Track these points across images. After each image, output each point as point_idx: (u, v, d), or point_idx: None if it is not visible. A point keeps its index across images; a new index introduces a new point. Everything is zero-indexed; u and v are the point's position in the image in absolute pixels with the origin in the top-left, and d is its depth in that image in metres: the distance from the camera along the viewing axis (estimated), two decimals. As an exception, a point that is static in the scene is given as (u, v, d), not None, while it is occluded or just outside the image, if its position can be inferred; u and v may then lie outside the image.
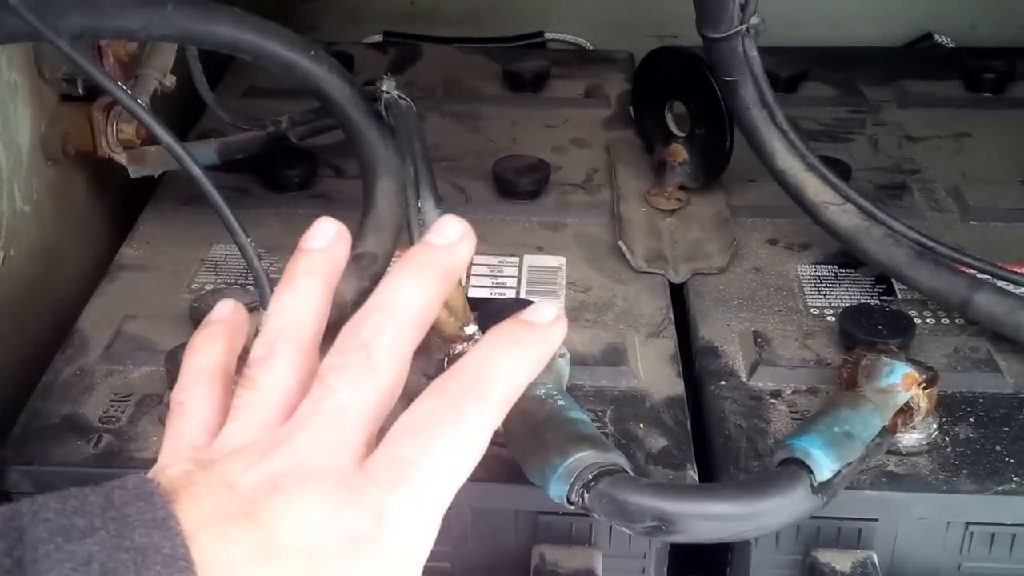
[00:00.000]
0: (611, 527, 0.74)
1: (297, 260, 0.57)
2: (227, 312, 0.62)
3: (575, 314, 0.91)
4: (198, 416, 0.55)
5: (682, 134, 1.08)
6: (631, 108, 1.20)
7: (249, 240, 0.73)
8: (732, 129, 1.02)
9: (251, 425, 0.51)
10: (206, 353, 0.59)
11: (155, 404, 0.81)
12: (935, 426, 0.77)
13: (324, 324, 0.56)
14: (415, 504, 0.49)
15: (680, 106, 1.08)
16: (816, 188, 0.93)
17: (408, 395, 0.80)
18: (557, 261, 0.99)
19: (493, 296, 0.94)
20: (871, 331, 0.83)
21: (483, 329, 0.78)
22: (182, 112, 1.17)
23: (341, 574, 0.46)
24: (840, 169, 0.98)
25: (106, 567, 0.41)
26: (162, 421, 0.78)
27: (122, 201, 1.09)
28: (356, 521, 0.47)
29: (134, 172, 1.02)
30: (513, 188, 1.08)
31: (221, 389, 0.56)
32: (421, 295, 0.53)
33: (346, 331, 0.53)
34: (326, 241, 0.58)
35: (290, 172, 1.09)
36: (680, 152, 1.08)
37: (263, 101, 1.20)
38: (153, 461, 0.54)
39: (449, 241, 0.56)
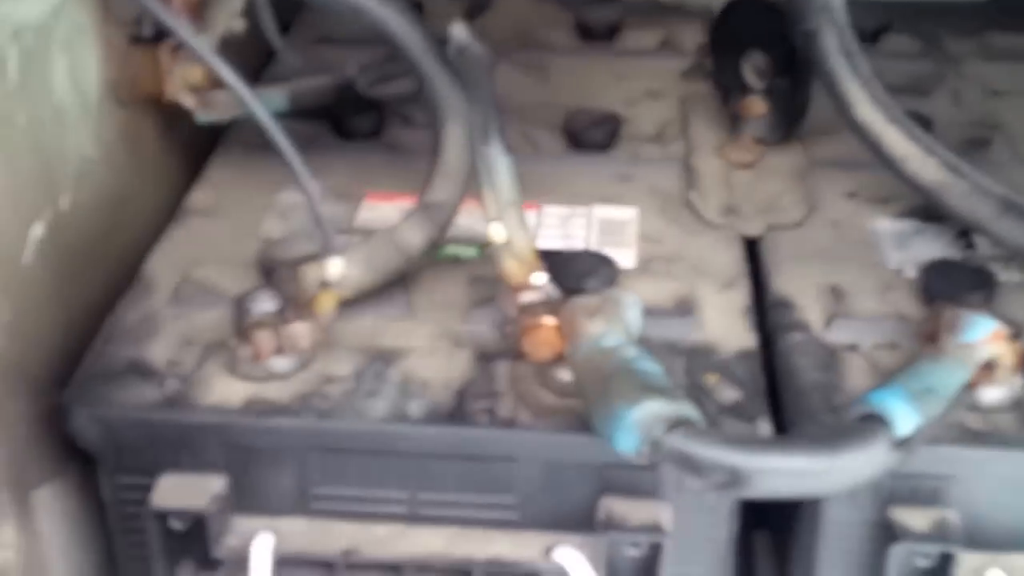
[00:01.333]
0: (680, 480, 0.73)
1: None
2: None
3: (646, 266, 0.90)
4: None
5: (760, 86, 1.06)
6: (707, 60, 1.17)
7: (316, 187, 0.71)
8: (812, 80, 0.99)
9: None
10: None
11: (221, 350, 0.80)
12: (1019, 383, 0.74)
13: None
14: None
15: (758, 57, 1.06)
16: (898, 141, 0.90)
17: (480, 347, 0.80)
18: (628, 213, 0.97)
19: (563, 248, 0.92)
20: (953, 286, 0.81)
21: (553, 279, 0.77)
22: (252, 59, 1.16)
23: None
24: (922, 123, 0.95)
25: None
26: (228, 368, 0.77)
27: (192, 146, 1.08)
28: None
29: (202, 117, 1.01)
30: (584, 140, 1.06)
31: None
32: None
33: None
34: None
35: (359, 120, 1.08)
36: (757, 104, 1.05)
37: (333, 49, 1.18)
38: (217, 408, 0.54)
39: None
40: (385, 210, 0.96)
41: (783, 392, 0.78)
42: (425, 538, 0.76)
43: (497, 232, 0.76)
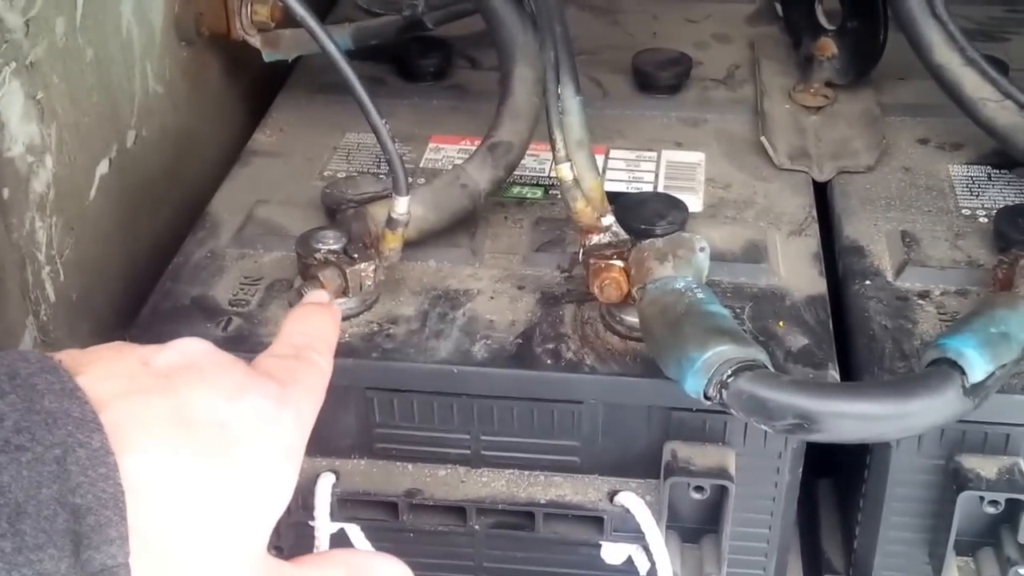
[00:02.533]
0: (746, 425, 0.72)
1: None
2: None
3: (714, 210, 0.89)
4: None
5: (832, 28, 1.04)
6: (777, 2, 1.16)
7: (384, 123, 0.71)
8: (887, 21, 0.97)
9: None
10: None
11: (285, 289, 0.80)
12: (1096, 331, 0.72)
13: None
14: (307, 392, 0.54)
15: (831, -1, 1.04)
16: (974, 83, 0.88)
17: (544, 289, 0.79)
18: (696, 157, 0.96)
19: (630, 190, 0.91)
20: (1029, 232, 0.79)
21: (621, 221, 0.76)
22: (316, 2, 1.16)
23: (246, 446, 0.49)
24: (998, 66, 0.93)
25: (19, 424, 0.43)
26: (291, 305, 0.77)
27: (256, 86, 1.08)
28: (262, 401, 0.51)
29: (267, 56, 1.01)
30: (652, 82, 1.05)
31: None
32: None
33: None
34: None
35: (425, 62, 1.07)
36: (829, 46, 1.03)
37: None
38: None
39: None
40: (450, 152, 0.96)
41: (854, 338, 0.77)
42: (487, 480, 0.76)
43: (566, 173, 0.75)
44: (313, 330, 0.60)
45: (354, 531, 0.76)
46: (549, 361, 0.73)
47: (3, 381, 0.44)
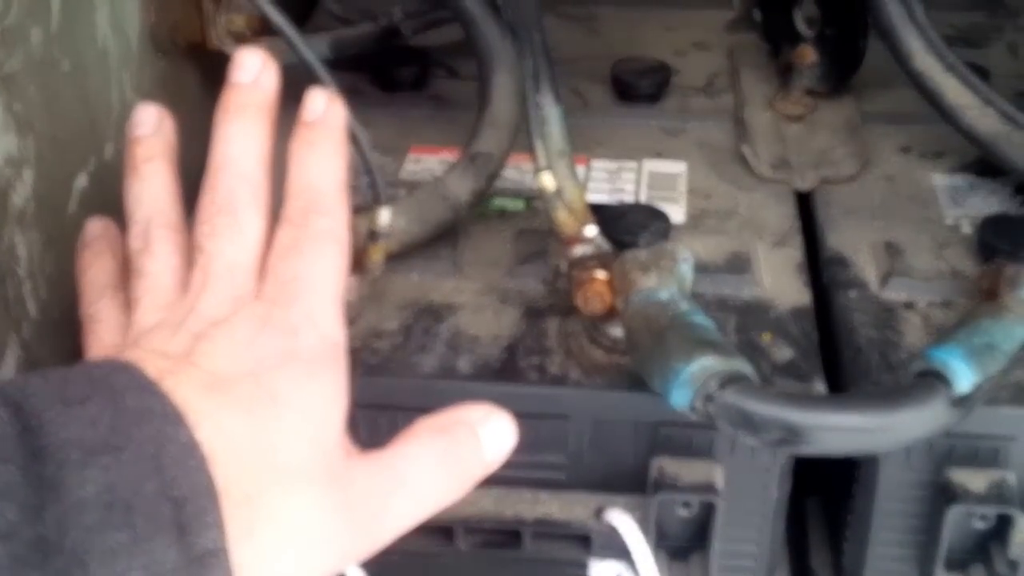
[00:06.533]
0: (733, 440, 0.72)
1: (132, 150, 0.64)
2: (99, 231, 0.69)
3: (696, 221, 0.88)
4: (109, 322, 0.61)
5: (811, 35, 1.04)
6: (755, 10, 1.15)
7: (365, 134, 0.70)
8: (866, 28, 0.97)
9: (154, 308, 0.57)
10: (96, 268, 0.65)
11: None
12: (1083, 342, 0.72)
13: (181, 200, 0.63)
14: (312, 306, 0.56)
15: (810, 5, 1.03)
16: (955, 91, 0.88)
17: (528, 302, 0.79)
18: (678, 167, 0.95)
19: (611, 202, 0.90)
20: (1014, 241, 0.78)
21: (604, 233, 0.75)
22: (292, 11, 1.15)
23: (285, 381, 0.52)
24: (979, 74, 0.93)
25: (113, 425, 0.46)
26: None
27: (235, 97, 1.07)
28: (274, 338, 0.53)
29: (245, 66, 0.99)
30: (632, 91, 1.04)
31: (122, 292, 0.63)
32: (250, 141, 0.60)
33: (204, 200, 0.59)
34: (150, 127, 0.65)
35: (403, 71, 1.06)
36: (808, 54, 1.03)
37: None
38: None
39: (252, 76, 0.63)
40: (430, 163, 0.95)
41: (841, 350, 0.76)
42: (474, 498, 0.75)
43: (548, 182, 0.75)
44: (313, 178, 0.60)
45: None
46: (534, 376, 0.73)
47: (83, 384, 0.47)
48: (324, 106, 0.62)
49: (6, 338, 0.73)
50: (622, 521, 0.72)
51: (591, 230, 0.75)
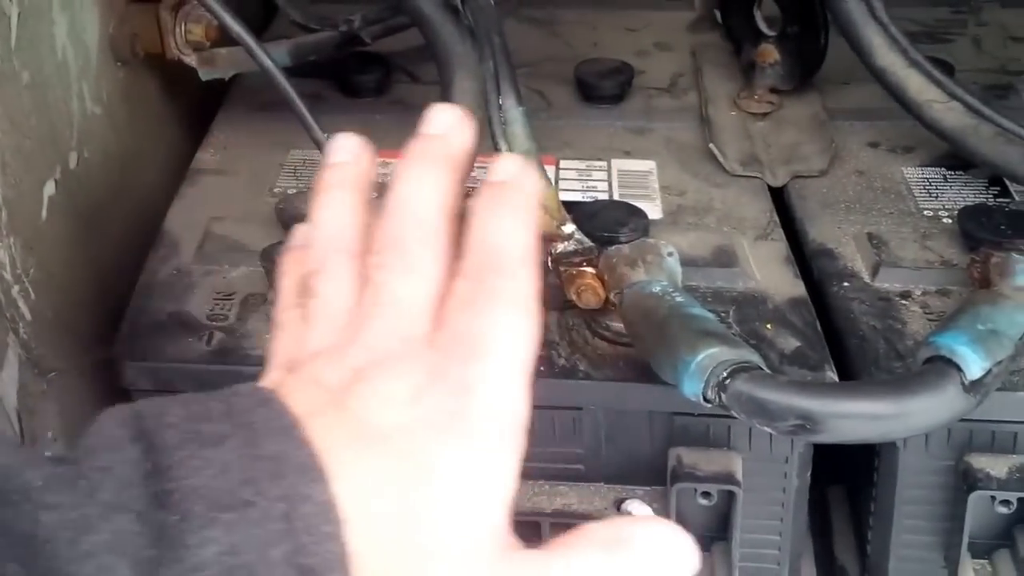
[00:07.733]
0: (751, 429, 0.71)
1: (325, 174, 0.57)
2: (303, 239, 0.57)
3: (674, 217, 0.87)
4: (292, 334, 0.55)
5: (772, 34, 1.04)
6: (717, 10, 1.15)
7: (327, 137, 0.69)
8: (827, 26, 0.97)
9: (327, 329, 0.52)
10: (295, 276, 0.56)
11: (260, 303, 0.79)
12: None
13: (364, 233, 0.55)
14: (494, 370, 0.48)
15: (770, 4, 1.03)
16: (919, 86, 0.88)
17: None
18: (647, 165, 0.95)
19: (585, 200, 0.89)
20: (995, 230, 0.78)
21: (583, 230, 0.75)
22: (252, 20, 1.13)
23: (439, 447, 0.46)
24: (944, 69, 0.93)
25: (246, 476, 0.41)
26: (270, 319, 0.75)
27: (195, 104, 1.06)
28: (442, 395, 0.46)
29: (204, 74, 0.98)
30: (596, 92, 1.04)
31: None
32: (428, 186, 0.54)
33: (377, 234, 0.53)
34: (350, 154, 0.58)
35: (364, 77, 1.05)
36: (771, 53, 1.03)
37: (335, 5, 1.15)
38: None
39: (441, 130, 0.56)
40: (393, 168, 0.93)
41: (844, 339, 0.76)
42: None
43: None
44: (498, 239, 0.52)
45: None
46: (542, 368, 0.72)
47: (222, 421, 0.43)
48: (516, 168, 0.56)
49: (5, 338, 0.73)
50: (642, 512, 0.72)
51: (569, 227, 0.74)
